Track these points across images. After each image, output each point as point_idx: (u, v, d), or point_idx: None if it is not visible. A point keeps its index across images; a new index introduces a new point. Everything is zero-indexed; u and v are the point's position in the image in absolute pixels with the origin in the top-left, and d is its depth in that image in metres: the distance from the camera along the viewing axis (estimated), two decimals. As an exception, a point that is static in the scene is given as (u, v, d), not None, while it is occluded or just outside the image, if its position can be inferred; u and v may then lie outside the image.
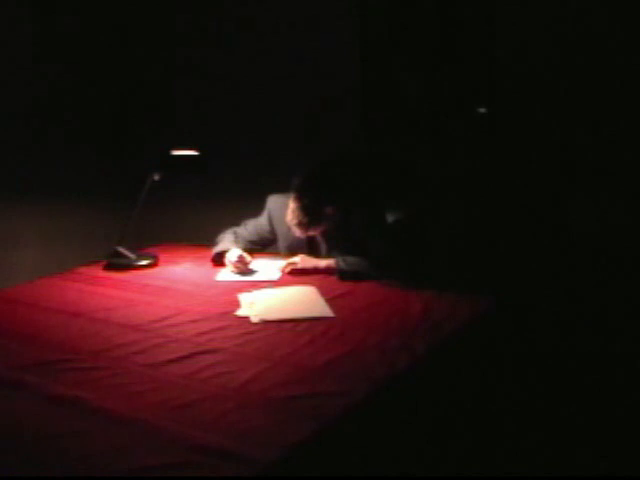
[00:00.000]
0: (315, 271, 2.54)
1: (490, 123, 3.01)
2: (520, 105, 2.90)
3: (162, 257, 2.85)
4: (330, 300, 2.21)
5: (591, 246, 2.79)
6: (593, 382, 2.54)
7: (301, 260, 2.58)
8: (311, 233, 2.59)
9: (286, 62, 3.38)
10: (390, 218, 2.68)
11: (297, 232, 2.56)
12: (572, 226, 2.84)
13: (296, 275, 2.54)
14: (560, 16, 2.76)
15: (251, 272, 2.60)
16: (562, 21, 2.76)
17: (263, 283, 2.45)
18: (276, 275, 2.56)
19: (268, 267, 2.65)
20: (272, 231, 2.80)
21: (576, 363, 2.61)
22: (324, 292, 2.29)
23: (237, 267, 2.58)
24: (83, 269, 2.74)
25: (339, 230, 2.62)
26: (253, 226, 2.82)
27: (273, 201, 2.79)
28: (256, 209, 2.85)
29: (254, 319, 2.06)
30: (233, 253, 2.59)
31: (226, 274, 2.59)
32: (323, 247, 2.68)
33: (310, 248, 2.70)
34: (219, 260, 2.68)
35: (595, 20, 2.69)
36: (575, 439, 2.34)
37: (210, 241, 2.78)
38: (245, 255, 2.61)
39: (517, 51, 2.87)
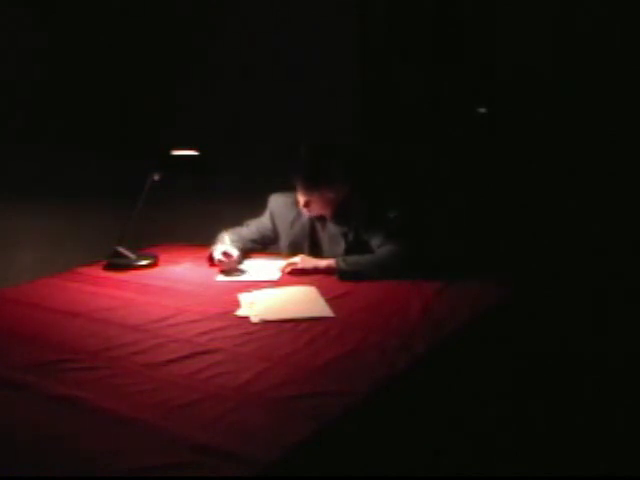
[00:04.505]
0: (315, 271, 2.54)
1: (490, 123, 3.01)
2: (520, 105, 2.90)
3: (162, 257, 2.85)
4: (330, 300, 2.21)
5: (591, 246, 2.79)
6: (593, 382, 2.54)
7: (301, 260, 2.58)
8: (314, 204, 2.59)
9: (286, 62, 3.38)
10: (390, 217, 2.68)
11: (300, 199, 2.58)
12: (572, 226, 2.84)
13: (296, 275, 2.54)
14: (560, 16, 2.76)
15: (240, 271, 2.60)
16: (562, 21, 2.76)
17: (263, 283, 2.45)
18: (276, 275, 2.56)
19: (268, 267, 2.65)
20: (274, 230, 2.80)
21: (575, 363, 2.61)
22: (324, 292, 2.29)
23: (224, 265, 2.57)
24: (83, 269, 2.74)
25: (340, 226, 2.63)
26: (255, 225, 2.83)
27: (275, 200, 2.81)
28: (256, 209, 2.85)
29: (254, 319, 2.06)
30: (218, 251, 2.60)
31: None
32: (325, 244, 2.68)
33: (312, 245, 2.70)
34: (213, 260, 2.68)
35: (595, 20, 2.69)
36: (575, 439, 2.34)
37: (210, 241, 2.78)
38: (231, 250, 2.61)
39: (517, 51, 2.87)
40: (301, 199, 2.60)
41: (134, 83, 3.82)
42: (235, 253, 2.63)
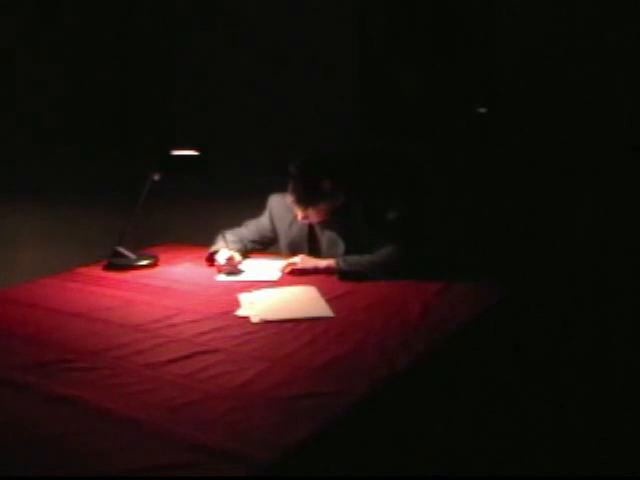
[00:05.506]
0: (315, 271, 2.54)
1: (490, 123, 3.01)
2: (520, 105, 2.90)
3: (162, 257, 2.85)
4: (330, 300, 2.21)
5: (591, 246, 2.79)
6: (593, 382, 2.54)
7: (301, 260, 2.58)
8: (311, 216, 2.59)
9: (286, 61, 3.38)
10: (389, 217, 2.68)
11: (298, 213, 2.58)
12: (572, 227, 2.84)
13: (296, 275, 2.54)
14: (560, 16, 2.76)
15: (240, 272, 2.60)
16: (562, 21, 2.76)
17: (263, 283, 2.45)
18: (276, 275, 2.56)
19: (268, 267, 2.65)
20: (273, 230, 2.80)
21: (576, 363, 2.61)
22: (324, 292, 2.29)
23: (224, 268, 2.58)
24: (83, 269, 2.75)
25: (339, 228, 2.63)
26: (254, 225, 2.83)
27: (274, 200, 2.81)
28: (256, 209, 2.85)
29: (254, 319, 2.06)
30: (222, 255, 2.60)
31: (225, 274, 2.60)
32: (324, 246, 2.68)
33: (310, 247, 2.70)
34: (213, 260, 2.68)
35: (596, 20, 2.69)
36: (575, 439, 2.34)
37: (210, 241, 2.78)
38: (235, 255, 2.62)
39: (517, 51, 2.87)
40: (297, 213, 2.60)
41: (134, 83, 3.82)
42: (238, 258, 2.64)
